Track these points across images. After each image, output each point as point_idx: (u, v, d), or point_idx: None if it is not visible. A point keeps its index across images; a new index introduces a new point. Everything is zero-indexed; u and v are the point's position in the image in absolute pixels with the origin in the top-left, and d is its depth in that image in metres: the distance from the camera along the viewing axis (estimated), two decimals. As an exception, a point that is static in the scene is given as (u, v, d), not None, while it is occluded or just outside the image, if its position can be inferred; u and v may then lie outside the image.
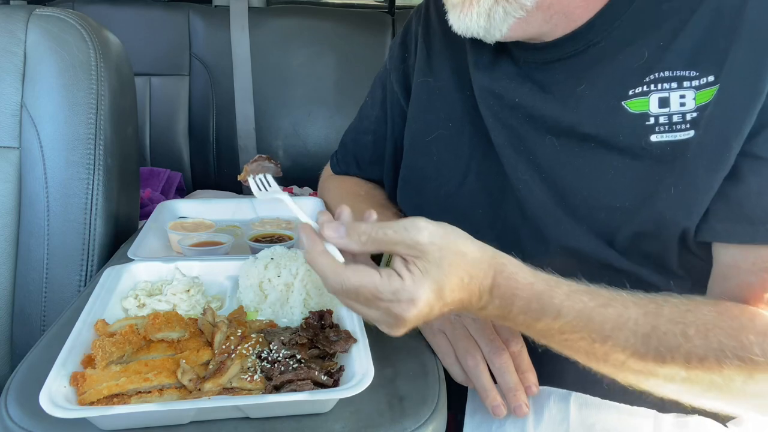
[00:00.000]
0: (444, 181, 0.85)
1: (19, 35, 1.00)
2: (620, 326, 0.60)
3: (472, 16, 0.70)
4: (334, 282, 0.55)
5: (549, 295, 0.60)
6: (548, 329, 0.60)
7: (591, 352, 0.61)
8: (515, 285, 0.59)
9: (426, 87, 0.89)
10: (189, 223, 0.99)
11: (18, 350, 1.01)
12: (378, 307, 0.55)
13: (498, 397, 0.68)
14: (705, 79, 0.65)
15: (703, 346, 0.59)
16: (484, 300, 0.59)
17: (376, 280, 0.54)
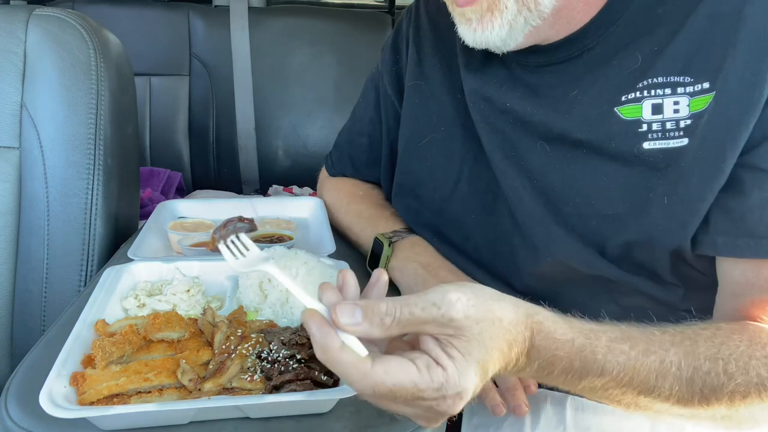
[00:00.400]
0: (438, 186, 0.84)
1: (19, 35, 1.00)
2: (664, 374, 0.56)
3: (493, 29, 0.68)
4: (365, 387, 0.46)
5: (591, 351, 0.55)
6: (592, 387, 0.56)
7: (635, 403, 0.58)
8: (554, 345, 0.53)
9: (418, 90, 0.89)
10: (189, 223, 0.99)
11: (18, 350, 1.01)
12: (419, 406, 0.47)
13: (497, 396, 0.68)
14: (700, 85, 0.63)
15: (745, 383, 0.57)
16: (521, 364, 0.52)
17: (414, 378, 0.45)
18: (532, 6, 0.66)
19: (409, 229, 0.89)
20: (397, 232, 0.88)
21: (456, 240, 0.83)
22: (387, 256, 0.84)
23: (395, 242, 0.85)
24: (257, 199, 1.12)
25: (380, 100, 0.99)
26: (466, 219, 0.82)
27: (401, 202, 0.93)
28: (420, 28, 0.91)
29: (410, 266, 0.81)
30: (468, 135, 0.81)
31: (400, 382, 0.45)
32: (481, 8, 0.67)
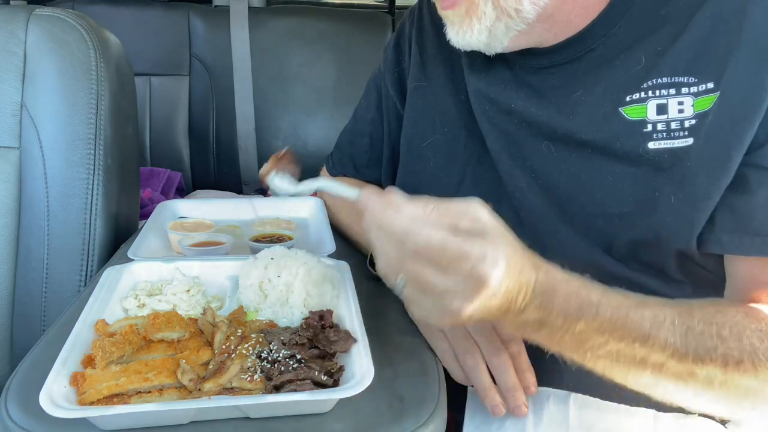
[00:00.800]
0: (441, 187, 0.84)
1: (19, 35, 1.00)
2: (658, 325, 0.58)
3: (472, 33, 0.69)
4: (418, 234, 0.50)
5: (586, 292, 0.58)
6: (587, 331, 0.57)
7: (630, 355, 0.58)
8: (553, 281, 0.57)
9: (421, 91, 0.89)
10: (189, 223, 0.99)
11: (18, 350, 1.01)
12: (460, 269, 0.50)
13: (497, 396, 0.68)
14: (704, 85, 0.64)
15: (738, 348, 0.58)
16: (527, 298, 0.55)
17: (460, 232, 0.50)
18: (512, 13, 0.66)
19: None
20: None
21: None
22: None
23: None
24: (257, 199, 1.12)
25: (382, 101, 0.99)
26: None
27: None
28: (423, 29, 0.91)
29: None
30: (471, 136, 0.81)
31: (450, 238, 0.50)
32: (461, 12, 0.68)
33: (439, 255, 0.50)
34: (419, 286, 0.53)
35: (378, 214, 0.53)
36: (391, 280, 0.55)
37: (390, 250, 0.53)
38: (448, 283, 0.51)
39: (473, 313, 0.52)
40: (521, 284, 0.54)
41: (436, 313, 0.54)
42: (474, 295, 0.51)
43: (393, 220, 0.52)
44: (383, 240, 0.53)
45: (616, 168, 0.68)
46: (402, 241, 0.51)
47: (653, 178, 0.66)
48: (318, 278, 0.73)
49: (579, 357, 0.60)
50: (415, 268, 0.52)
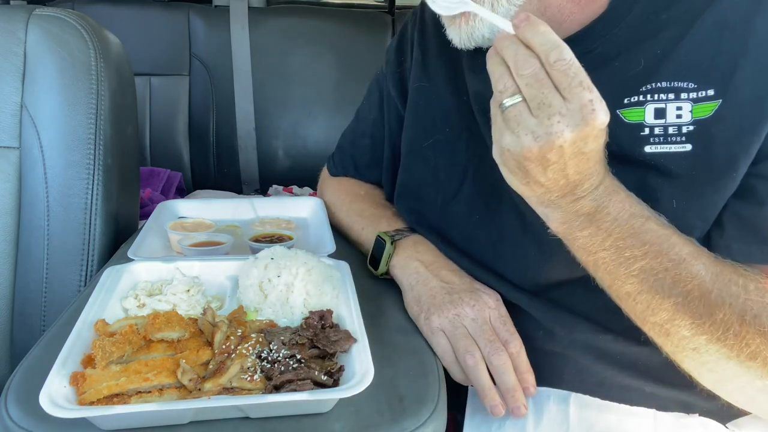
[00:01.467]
0: (441, 187, 0.85)
1: (19, 35, 1.00)
2: (695, 256, 0.60)
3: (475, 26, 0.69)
4: (567, 53, 0.53)
5: (640, 207, 0.60)
6: (630, 238, 0.59)
7: (662, 278, 0.60)
8: (618, 185, 0.60)
9: (422, 92, 0.89)
10: (189, 223, 0.99)
11: (18, 350, 1.01)
12: (581, 96, 0.53)
13: (497, 396, 0.68)
14: (704, 92, 0.63)
15: (759, 302, 0.59)
16: (592, 187, 0.59)
17: None
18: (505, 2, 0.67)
19: (412, 228, 0.90)
20: (399, 231, 0.88)
21: (458, 241, 0.83)
22: (389, 254, 0.84)
23: (397, 240, 0.86)
24: (257, 199, 1.12)
25: (384, 102, 0.99)
26: (469, 220, 0.82)
27: (403, 203, 0.93)
28: (425, 31, 0.91)
29: (412, 265, 0.81)
30: (473, 136, 0.81)
31: (581, 69, 0.53)
32: None
33: (571, 76, 0.53)
34: (534, 101, 0.54)
35: (540, 26, 0.54)
36: (507, 95, 0.56)
37: (526, 63, 0.54)
38: (563, 105, 0.53)
39: (561, 153, 0.54)
40: (594, 168, 0.58)
41: (533, 135, 0.55)
42: (579, 125, 0.53)
43: (552, 32, 0.54)
44: (523, 52, 0.54)
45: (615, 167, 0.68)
46: (548, 50, 0.53)
47: (652, 182, 0.66)
48: (318, 278, 0.73)
49: (611, 272, 0.62)
50: (541, 83, 0.54)
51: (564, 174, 0.57)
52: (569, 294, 0.73)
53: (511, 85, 0.55)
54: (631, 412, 0.73)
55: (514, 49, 0.55)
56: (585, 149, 0.55)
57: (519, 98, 0.55)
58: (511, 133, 0.56)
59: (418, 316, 0.75)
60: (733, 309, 0.59)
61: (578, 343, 0.73)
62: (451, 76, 0.85)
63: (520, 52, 0.55)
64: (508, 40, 0.56)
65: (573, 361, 0.74)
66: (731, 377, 0.62)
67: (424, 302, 0.75)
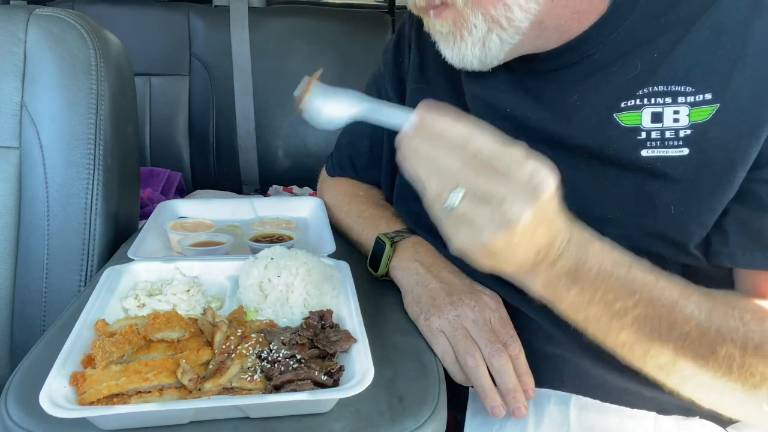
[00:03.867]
0: None
1: (19, 35, 1.00)
2: (686, 296, 0.59)
3: (466, 47, 0.68)
4: (481, 136, 0.51)
5: (619, 252, 0.59)
6: (618, 289, 0.57)
7: (656, 324, 0.58)
8: (589, 235, 0.58)
9: (420, 93, 0.89)
10: (189, 223, 0.99)
11: (18, 350, 1.01)
12: (520, 173, 0.50)
13: (497, 397, 0.68)
14: (701, 96, 0.63)
15: (759, 332, 0.58)
16: (563, 245, 0.56)
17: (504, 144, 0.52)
18: (504, 23, 0.65)
19: (411, 229, 0.90)
20: (399, 232, 0.88)
21: None
22: (388, 256, 0.84)
23: (397, 242, 0.86)
24: (257, 199, 1.12)
25: None
26: None
27: (403, 205, 0.92)
28: (422, 32, 0.90)
29: (412, 266, 0.81)
30: None
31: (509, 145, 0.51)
32: (448, 24, 0.67)
33: (500, 157, 0.51)
34: (478, 193, 0.52)
35: (439, 122, 0.53)
36: (445, 195, 0.53)
37: (447, 159, 0.52)
38: (508, 187, 0.51)
39: (524, 231, 0.51)
40: (560, 227, 0.56)
41: (492, 225, 0.51)
42: (531, 202, 0.51)
43: (454, 123, 0.53)
44: (440, 150, 0.53)
45: (611, 173, 0.67)
46: (463, 144, 0.52)
47: (648, 186, 0.66)
48: (318, 278, 0.73)
49: (603, 326, 0.60)
50: (476, 173, 0.52)
51: (534, 245, 0.54)
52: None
53: (447, 184, 0.53)
54: (631, 414, 0.73)
55: (430, 149, 0.53)
56: (547, 216, 0.53)
57: (461, 191, 0.52)
58: (468, 228, 0.53)
59: (418, 317, 0.75)
60: (735, 343, 0.58)
61: (578, 345, 0.73)
62: (449, 78, 0.85)
63: (437, 150, 0.53)
64: (419, 139, 0.54)
65: (573, 364, 0.74)
66: (736, 404, 0.62)
67: (424, 303, 0.75)
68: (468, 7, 0.65)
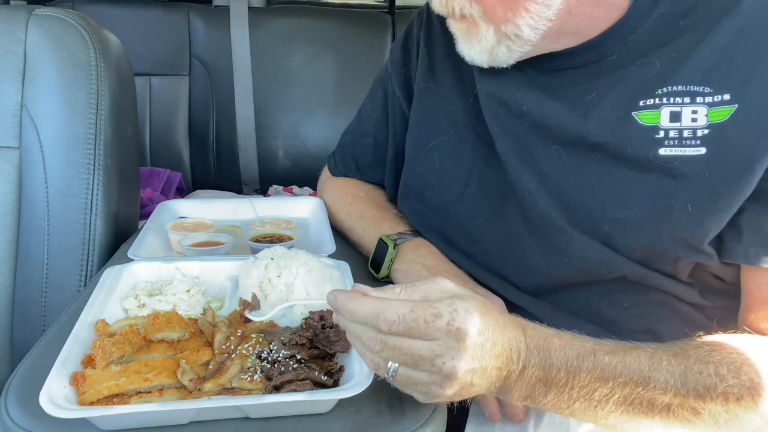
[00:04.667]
0: (445, 188, 0.84)
1: (19, 35, 1.00)
2: (656, 367, 0.58)
3: (474, 52, 0.71)
4: (386, 310, 0.52)
5: (579, 341, 0.58)
6: (591, 381, 0.57)
7: (637, 402, 0.58)
8: (544, 334, 0.58)
9: (428, 93, 0.89)
10: (189, 223, 0.99)
11: (18, 350, 1.01)
12: (437, 328, 0.51)
13: (496, 403, 0.70)
14: (720, 96, 0.64)
15: (737, 385, 0.58)
16: (523, 355, 0.55)
17: (429, 300, 0.53)
18: (512, 36, 0.67)
19: (414, 231, 0.89)
20: (401, 234, 0.88)
21: (462, 243, 0.83)
22: (391, 258, 0.84)
23: (400, 244, 0.85)
24: (257, 199, 1.12)
25: (388, 102, 0.99)
26: (473, 222, 0.81)
27: (407, 204, 0.92)
28: (431, 31, 0.91)
29: (414, 268, 0.81)
30: (478, 138, 0.81)
31: (417, 304, 0.52)
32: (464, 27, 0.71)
33: (414, 322, 0.51)
34: (407, 361, 0.53)
35: (347, 305, 0.54)
36: (382, 371, 0.54)
37: (368, 339, 0.53)
38: (432, 345, 0.52)
39: (471, 371, 0.52)
40: (511, 340, 0.55)
41: (436, 383, 0.53)
42: (461, 348, 0.51)
43: (360, 305, 0.53)
44: (359, 331, 0.54)
45: (626, 173, 0.68)
46: (374, 322, 0.52)
47: (664, 185, 0.66)
48: (318, 278, 0.73)
49: (590, 416, 0.60)
50: (397, 343, 0.52)
51: (488, 372, 0.54)
52: (572, 296, 0.73)
53: (377, 358, 0.54)
54: None
55: (352, 329, 0.55)
56: (487, 346, 0.53)
57: (395, 365, 0.54)
58: (418, 393, 0.55)
59: None
60: (715, 401, 0.58)
61: None
62: (457, 78, 0.85)
63: (357, 331, 0.54)
64: (342, 320, 0.56)
65: None
66: None
67: None
68: (483, 20, 0.68)
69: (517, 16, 0.65)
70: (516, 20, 0.66)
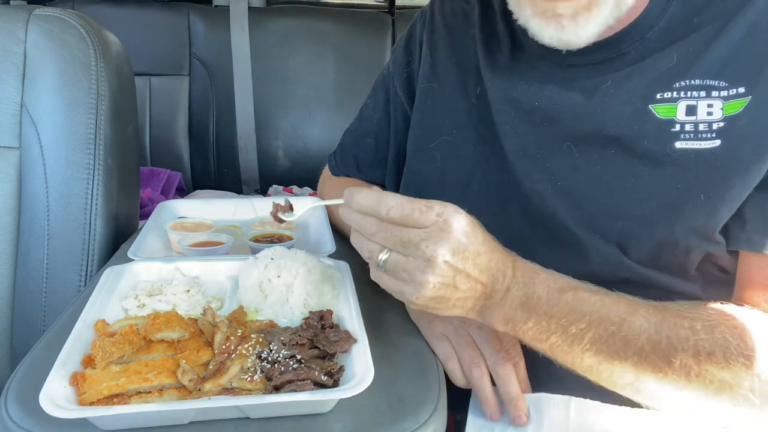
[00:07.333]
0: (447, 188, 0.84)
1: (19, 35, 1.00)
2: (633, 311, 0.62)
3: (587, 27, 0.64)
4: (388, 198, 0.58)
5: (564, 279, 0.63)
6: (567, 312, 0.61)
7: (609, 339, 0.61)
8: (532, 266, 0.63)
9: (431, 92, 0.89)
10: (189, 223, 0.99)
11: (18, 350, 1.01)
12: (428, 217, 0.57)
13: (497, 404, 0.70)
14: (734, 90, 0.65)
15: (710, 340, 0.60)
16: (508, 279, 0.61)
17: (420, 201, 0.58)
18: (623, 6, 0.65)
19: None
20: None
21: None
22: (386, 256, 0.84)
23: None
24: (257, 199, 1.12)
25: (389, 102, 0.99)
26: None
27: None
28: (434, 31, 0.90)
29: None
30: (481, 138, 0.81)
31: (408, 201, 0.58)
32: (578, 4, 0.64)
33: (410, 210, 0.57)
34: (397, 244, 0.58)
35: (356, 196, 0.60)
36: (375, 258, 0.60)
37: (366, 223, 0.59)
38: (420, 232, 0.57)
39: (451, 267, 0.57)
40: (498, 262, 0.61)
41: (418, 267, 0.57)
42: (443, 237, 0.57)
43: (366, 194, 0.59)
44: (361, 220, 0.60)
45: (640, 168, 0.68)
46: (376, 207, 0.58)
47: (678, 179, 0.67)
48: (318, 278, 0.73)
49: (567, 352, 0.63)
50: (390, 229, 0.58)
51: (472, 280, 0.59)
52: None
53: (374, 247, 0.60)
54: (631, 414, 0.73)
55: (355, 219, 0.61)
56: (470, 249, 0.58)
57: (387, 252, 0.59)
58: (403, 282, 0.59)
59: (421, 320, 0.75)
60: (687, 353, 0.60)
61: None
62: (460, 78, 0.85)
63: (359, 219, 0.60)
64: (348, 212, 0.62)
65: None
66: (714, 405, 0.64)
67: None
68: None
69: None
70: None
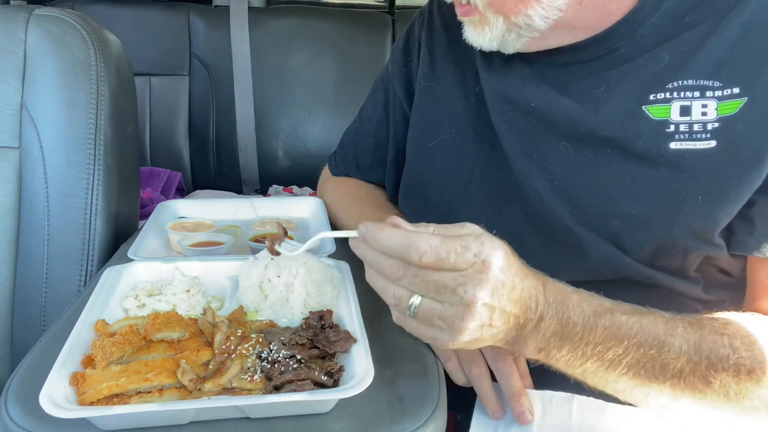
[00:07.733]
0: (446, 188, 0.84)
1: (19, 35, 1.00)
2: (672, 332, 0.59)
3: (484, 38, 0.71)
4: (420, 240, 0.51)
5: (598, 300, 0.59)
6: (606, 339, 0.57)
7: (650, 366, 0.58)
8: (563, 289, 0.58)
9: (429, 92, 0.89)
10: (189, 223, 0.99)
11: (18, 350, 1.01)
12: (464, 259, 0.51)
13: (499, 402, 0.70)
14: (729, 90, 0.65)
15: (749, 358, 0.59)
16: (541, 305, 0.56)
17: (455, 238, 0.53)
18: (522, 25, 0.67)
19: None
20: None
21: None
22: None
23: None
24: (257, 199, 1.12)
25: (389, 101, 0.99)
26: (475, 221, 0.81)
27: (408, 204, 0.92)
28: (433, 30, 0.91)
29: None
30: (480, 138, 0.81)
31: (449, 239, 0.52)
32: (475, 20, 0.71)
33: (446, 254, 0.51)
34: (429, 290, 0.53)
35: (379, 234, 0.53)
36: (403, 305, 0.54)
37: (390, 266, 0.53)
38: (456, 276, 0.52)
39: (490, 307, 0.52)
40: (530, 289, 0.55)
41: (456, 313, 0.53)
42: (483, 279, 0.52)
43: (393, 234, 0.53)
44: (383, 261, 0.54)
45: (635, 169, 0.68)
46: (405, 252, 0.52)
47: (673, 180, 0.66)
48: (318, 278, 0.73)
49: (601, 377, 0.60)
50: (423, 274, 0.52)
51: (507, 315, 0.55)
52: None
53: (402, 293, 0.54)
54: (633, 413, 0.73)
55: (374, 259, 0.54)
56: (507, 284, 0.53)
57: (418, 297, 0.54)
58: (437, 329, 0.55)
59: None
60: (728, 372, 0.58)
61: None
62: (459, 77, 0.85)
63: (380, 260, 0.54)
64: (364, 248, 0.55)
65: None
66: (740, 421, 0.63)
67: None
68: (490, 11, 0.68)
69: (528, 7, 0.65)
70: (527, 11, 0.66)
